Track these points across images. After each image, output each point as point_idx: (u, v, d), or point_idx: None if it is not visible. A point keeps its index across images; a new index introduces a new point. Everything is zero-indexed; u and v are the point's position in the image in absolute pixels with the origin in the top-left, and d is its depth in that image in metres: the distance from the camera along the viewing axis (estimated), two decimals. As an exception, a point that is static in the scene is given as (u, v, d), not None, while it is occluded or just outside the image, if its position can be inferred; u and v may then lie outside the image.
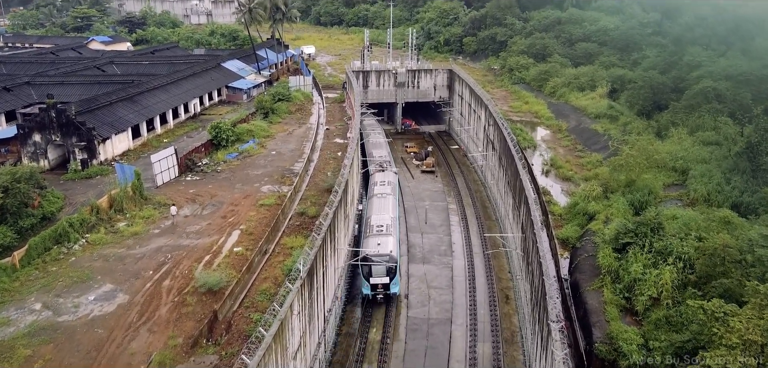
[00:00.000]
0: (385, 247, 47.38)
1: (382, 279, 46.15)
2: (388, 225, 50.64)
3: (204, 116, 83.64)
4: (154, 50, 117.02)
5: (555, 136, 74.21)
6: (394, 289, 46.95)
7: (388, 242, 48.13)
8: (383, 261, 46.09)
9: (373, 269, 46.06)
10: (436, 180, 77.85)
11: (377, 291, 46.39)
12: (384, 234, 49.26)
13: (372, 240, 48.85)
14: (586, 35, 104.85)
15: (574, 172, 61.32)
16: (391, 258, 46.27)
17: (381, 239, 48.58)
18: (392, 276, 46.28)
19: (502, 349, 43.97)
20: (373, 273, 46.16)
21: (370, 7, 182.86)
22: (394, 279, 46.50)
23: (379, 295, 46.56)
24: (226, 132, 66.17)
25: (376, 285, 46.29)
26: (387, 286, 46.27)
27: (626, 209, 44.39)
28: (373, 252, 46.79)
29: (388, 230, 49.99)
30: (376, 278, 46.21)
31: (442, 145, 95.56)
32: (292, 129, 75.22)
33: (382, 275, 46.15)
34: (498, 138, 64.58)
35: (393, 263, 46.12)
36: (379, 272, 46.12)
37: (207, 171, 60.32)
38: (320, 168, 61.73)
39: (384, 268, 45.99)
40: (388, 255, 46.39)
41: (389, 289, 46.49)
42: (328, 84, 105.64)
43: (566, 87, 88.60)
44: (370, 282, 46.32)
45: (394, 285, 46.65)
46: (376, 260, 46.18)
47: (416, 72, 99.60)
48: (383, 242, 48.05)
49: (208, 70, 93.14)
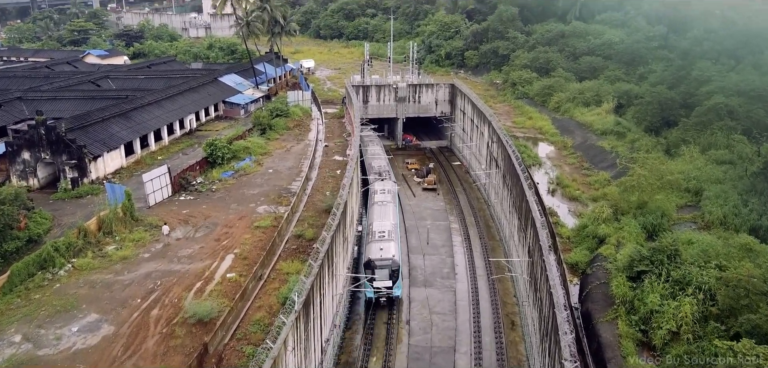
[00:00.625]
0: (387, 252, 48.77)
1: (385, 282, 47.74)
2: (389, 231, 52.01)
3: (200, 132, 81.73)
4: (151, 64, 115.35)
5: (560, 153, 72.17)
6: (397, 292, 48.55)
7: (390, 247, 49.52)
8: (386, 266, 47.66)
9: (377, 273, 47.61)
10: (438, 198, 75.81)
11: (380, 294, 47.87)
12: (386, 240, 50.60)
13: (374, 246, 50.03)
14: (591, 49, 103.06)
15: (581, 191, 59.21)
16: (394, 263, 47.89)
17: (383, 244, 49.93)
18: (395, 280, 47.97)
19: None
20: (376, 277, 47.67)
21: (370, 20, 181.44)
22: (396, 283, 48.21)
23: (382, 298, 48.09)
24: (222, 150, 64.19)
25: (379, 288, 47.83)
26: (390, 289, 47.92)
27: (638, 232, 42.32)
28: (376, 257, 48.28)
29: (389, 236, 51.35)
30: (380, 282, 47.74)
31: (444, 161, 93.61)
32: (290, 146, 73.25)
33: (385, 278, 47.73)
34: (502, 156, 62.60)
35: (395, 267, 47.83)
36: (383, 276, 47.70)
37: (201, 190, 58.28)
38: (319, 187, 59.70)
39: (387, 272, 47.62)
40: (391, 260, 47.90)
41: (392, 292, 48.12)
42: (328, 99, 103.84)
43: (571, 102, 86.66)
44: (374, 285, 47.79)
45: (396, 288, 48.28)
46: (379, 264, 47.75)
47: (417, 87, 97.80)
48: (385, 247, 49.41)
49: (204, 85, 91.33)
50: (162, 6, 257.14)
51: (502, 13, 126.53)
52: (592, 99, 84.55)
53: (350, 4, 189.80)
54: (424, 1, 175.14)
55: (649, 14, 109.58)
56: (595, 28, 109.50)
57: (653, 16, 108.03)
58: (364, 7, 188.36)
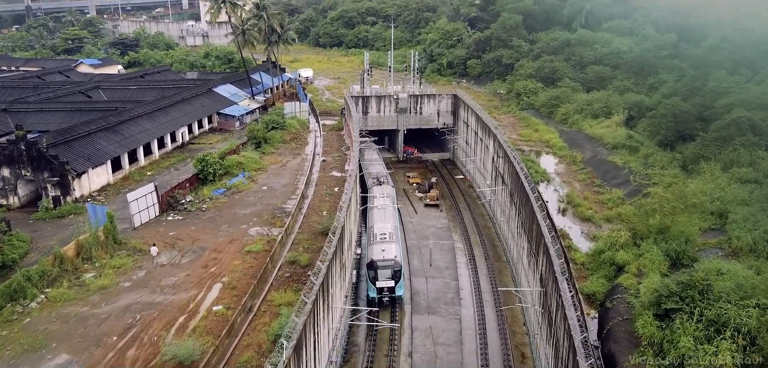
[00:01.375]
0: (389, 253, 49.64)
1: (388, 282, 48.66)
2: (390, 233, 52.75)
3: (193, 146, 78.43)
4: (144, 74, 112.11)
5: (569, 168, 68.68)
6: (399, 292, 49.53)
7: (391, 249, 50.34)
8: (388, 266, 48.57)
9: (379, 273, 48.52)
10: (441, 215, 72.33)
11: (383, 294, 48.91)
12: (387, 241, 51.38)
13: (377, 247, 50.75)
14: (598, 58, 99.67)
15: (593, 211, 55.66)
16: (396, 263, 48.88)
17: (385, 245, 50.71)
18: (397, 280, 48.90)
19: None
20: (379, 278, 48.56)
21: (370, 28, 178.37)
22: (398, 283, 49.10)
23: (385, 298, 49.04)
24: (213, 166, 60.78)
25: (382, 288, 48.73)
26: (392, 289, 48.89)
27: (661, 260, 38.86)
28: (378, 258, 49.08)
29: (391, 237, 52.14)
30: (382, 282, 48.64)
31: (446, 174, 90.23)
32: (286, 161, 69.87)
33: (387, 279, 48.63)
34: (509, 172, 59.21)
35: (397, 267, 48.81)
36: (385, 276, 48.60)
37: (191, 210, 54.89)
38: (315, 206, 56.31)
39: (390, 272, 48.56)
40: (393, 260, 48.87)
41: (394, 292, 49.03)
42: (326, 110, 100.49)
43: (579, 114, 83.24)
44: (377, 285, 48.65)
45: (399, 288, 49.23)
46: (382, 265, 48.61)
47: (419, 97, 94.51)
48: (387, 249, 50.20)
49: (198, 96, 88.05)
50: (159, 14, 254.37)
51: (506, 21, 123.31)
52: (601, 111, 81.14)
53: (350, 11, 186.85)
54: (425, 9, 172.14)
55: (657, 22, 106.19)
56: (602, 37, 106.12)
57: (662, 25, 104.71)
58: (364, 15, 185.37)
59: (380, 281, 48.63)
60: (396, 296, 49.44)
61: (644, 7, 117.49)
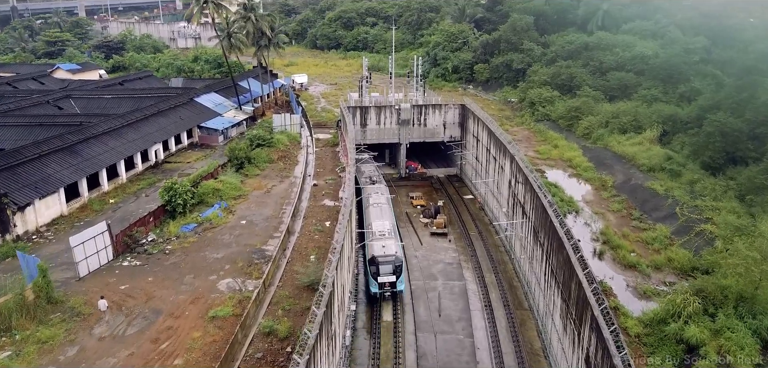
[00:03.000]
0: (390, 249, 49.30)
1: (389, 277, 48.47)
2: (389, 230, 52.63)
3: (168, 165, 69.35)
4: (123, 81, 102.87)
5: (599, 195, 59.32)
6: (400, 287, 49.36)
7: (391, 244, 50.08)
8: (389, 261, 48.26)
9: (381, 269, 48.22)
10: (450, 246, 62.98)
11: (384, 289, 48.55)
12: (387, 237, 51.21)
13: (377, 243, 50.34)
14: (620, 63, 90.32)
15: (637, 255, 46.28)
16: (397, 258, 48.68)
17: (385, 241, 50.42)
18: (398, 275, 48.70)
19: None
20: (380, 273, 48.30)
21: (369, 29, 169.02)
22: (399, 278, 48.86)
23: (387, 293, 48.78)
24: (184, 195, 51.54)
25: (383, 283, 48.38)
26: (393, 284, 48.68)
27: (752, 344, 29.65)
28: (379, 254, 48.60)
29: (390, 234, 52.04)
30: (384, 277, 48.37)
31: (454, 193, 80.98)
32: (272, 185, 60.66)
33: (389, 274, 48.44)
34: (532, 204, 50.00)
35: (398, 262, 48.66)
36: (386, 272, 48.37)
37: (152, 252, 45.67)
38: (301, 248, 47.15)
39: (391, 267, 48.32)
40: (394, 256, 48.62)
41: (395, 287, 48.85)
42: (320, 122, 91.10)
43: (604, 128, 73.99)
44: (378, 280, 48.31)
45: (400, 283, 49.06)
46: (383, 260, 48.21)
47: (423, 108, 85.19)
48: (387, 244, 49.91)
49: (176, 107, 78.87)
50: (153, 14, 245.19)
51: (516, 23, 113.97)
52: (629, 124, 71.86)
53: (349, 12, 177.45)
54: (427, 10, 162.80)
55: (683, 24, 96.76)
56: (623, 40, 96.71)
57: (689, 27, 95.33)
58: (363, 16, 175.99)
59: (382, 276, 48.58)
60: (397, 290, 49.61)
61: (666, 8, 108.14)
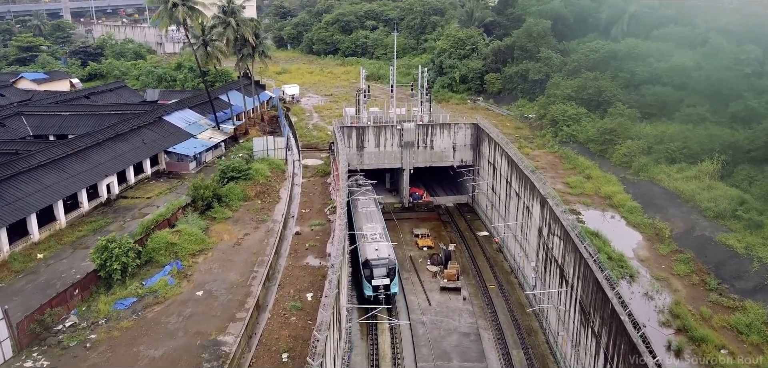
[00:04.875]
0: (383, 251, 49.20)
1: (383, 280, 47.95)
2: (380, 233, 52.50)
3: (124, 200, 57.67)
4: (90, 94, 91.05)
5: (655, 249, 47.14)
6: (394, 289, 48.83)
7: (384, 247, 50.05)
8: (383, 264, 47.99)
9: (374, 271, 47.89)
10: (465, 306, 51.06)
11: (379, 291, 47.93)
12: (379, 240, 51.06)
13: (369, 247, 50.00)
14: (654, 76, 78.28)
15: (732, 354, 34.15)
16: (390, 261, 48.33)
17: (377, 244, 50.34)
18: (392, 278, 48.19)
19: None
20: (374, 275, 47.92)
21: (369, 33, 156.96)
22: (393, 280, 48.31)
23: (381, 295, 48.01)
24: (124, 257, 39.63)
25: (377, 286, 47.85)
26: (388, 287, 48.07)
27: None
28: (373, 257, 48.25)
29: (381, 237, 51.86)
30: (378, 279, 47.93)
31: (465, 228, 69.14)
32: (244, 234, 48.78)
33: (383, 276, 47.95)
34: (579, 272, 38.19)
35: (392, 265, 48.26)
36: (380, 274, 47.96)
37: (68, 345, 33.96)
38: (272, 339, 35.25)
39: (384, 270, 47.93)
40: (388, 258, 48.37)
41: (389, 289, 48.23)
42: (311, 143, 78.94)
43: (647, 155, 62.04)
44: (372, 283, 47.83)
45: (393, 285, 48.49)
46: (376, 263, 47.98)
47: (429, 128, 73.27)
48: (380, 247, 49.89)
49: (140, 128, 66.98)
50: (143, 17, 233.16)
51: (532, 28, 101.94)
52: (679, 152, 59.93)
53: (347, 15, 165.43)
54: (431, 12, 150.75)
55: (727, 30, 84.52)
56: (658, 48, 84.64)
57: (734, 34, 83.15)
58: (362, 19, 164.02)
59: (376, 279, 48.19)
60: (391, 293, 49.20)
61: (704, 11, 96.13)
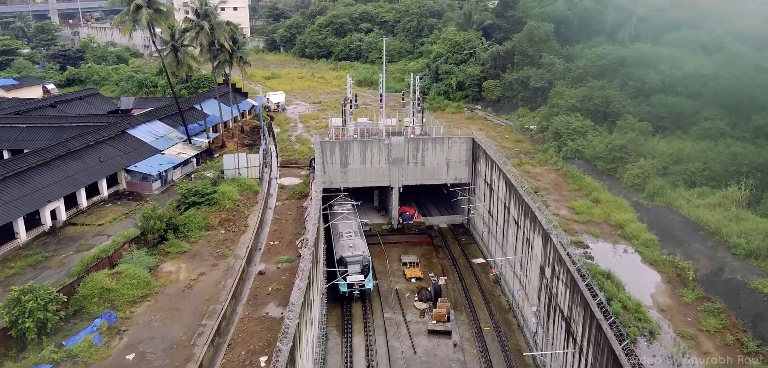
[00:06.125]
0: (357, 249, 50.14)
1: (358, 276, 49.09)
2: (355, 231, 53.61)
3: (73, 227, 51.10)
4: (57, 102, 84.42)
5: (678, 295, 40.03)
6: (368, 285, 49.90)
7: (358, 245, 51.28)
8: (358, 261, 49.13)
9: (349, 268, 48.86)
10: (455, 354, 44.47)
11: (353, 288, 49.10)
12: (353, 238, 52.19)
13: (344, 243, 50.99)
14: (667, 84, 71.39)
15: None
16: (365, 258, 49.49)
17: (352, 241, 51.42)
18: (366, 274, 49.40)
19: None
20: (349, 272, 48.85)
21: (363, 36, 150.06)
22: (367, 276, 49.56)
23: (355, 291, 49.30)
24: (39, 314, 32.87)
25: (352, 283, 48.94)
26: (362, 283, 49.25)
27: None
28: (347, 254, 49.28)
29: (356, 234, 53.09)
30: (353, 276, 49.02)
31: (459, 254, 62.59)
32: (199, 273, 42.01)
33: (357, 273, 49.12)
34: (590, 333, 31.50)
35: (366, 262, 49.48)
36: (355, 271, 49.10)
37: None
38: (208, 422, 28.52)
39: (359, 267, 49.12)
40: (362, 255, 49.49)
41: (364, 286, 49.47)
42: (291, 159, 71.87)
43: (662, 175, 55.17)
44: (347, 280, 48.81)
45: (368, 281, 49.62)
46: (351, 260, 49.03)
47: (420, 143, 66.56)
48: (355, 244, 51.08)
49: (98, 144, 60.32)
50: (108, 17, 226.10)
51: (533, 31, 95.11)
52: (699, 174, 53.09)
53: (341, 17, 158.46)
54: (429, 14, 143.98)
55: (744, 35, 77.64)
56: (669, 54, 77.70)
57: (750, 39, 76.28)
58: (357, 22, 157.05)
59: (350, 276, 49.25)
60: (365, 289, 50.31)
61: (718, 14, 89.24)
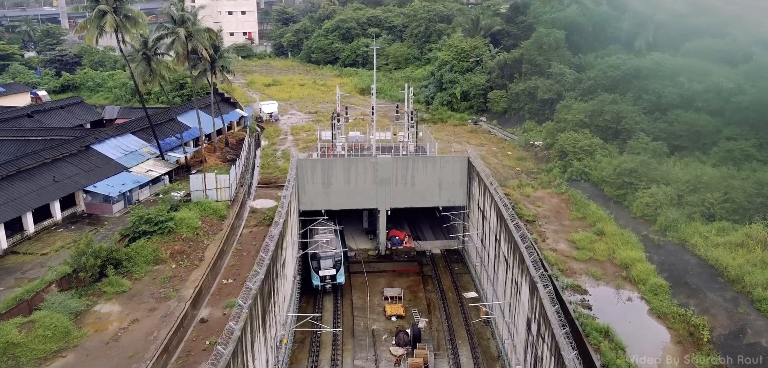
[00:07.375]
0: (331, 245, 54.06)
1: (330, 271, 52.32)
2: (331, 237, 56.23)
3: (15, 256, 46.15)
4: (35, 111, 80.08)
5: (689, 361, 33.67)
6: (340, 279, 53.19)
7: (332, 241, 55.08)
8: (330, 257, 52.61)
9: (322, 263, 52.33)
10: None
11: (325, 282, 52.41)
12: (327, 234, 56.16)
13: (320, 238, 54.86)
14: (686, 99, 64.47)
15: None
16: (337, 254, 52.75)
17: (326, 237, 55.34)
18: (338, 268, 52.63)
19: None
20: (321, 267, 52.27)
21: (370, 42, 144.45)
22: (339, 271, 52.93)
23: (328, 285, 52.69)
24: None
25: (324, 276, 52.24)
26: (334, 277, 52.56)
27: None
28: (321, 251, 52.94)
29: (330, 232, 56.93)
30: (325, 270, 52.29)
31: (449, 286, 56.99)
32: (132, 320, 36.55)
33: (329, 268, 52.38)
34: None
35: (338, 258, 52.64)
36: (327, 266, 52.41)
37: None
38: None
39: (331, 261, 52.48)
40: (334, 251, 52.88)
41: (336, 279, 52.76)
42: (271, 178, 65.96)
43: (676, 205, 48.52)
44: (319, 274, 52.20)
45: (339, 275, 53.02)
46: (324, 256, 52.57)
47: (410, 162, 60.77)
48: (329, 240, 54.82)
49: (55, 161, 55.48)
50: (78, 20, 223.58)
51: (542, 39, 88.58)
52: (719, 207, 46.38)
53: (348, 21, 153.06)
54: (437, 19, 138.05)
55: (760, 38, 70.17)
56: (689, 64, 70.65)
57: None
58: (365, 27, 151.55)
59: (323, 270, 51.99)
60: (337, 283, 52.99)
61: (743, 21, 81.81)
